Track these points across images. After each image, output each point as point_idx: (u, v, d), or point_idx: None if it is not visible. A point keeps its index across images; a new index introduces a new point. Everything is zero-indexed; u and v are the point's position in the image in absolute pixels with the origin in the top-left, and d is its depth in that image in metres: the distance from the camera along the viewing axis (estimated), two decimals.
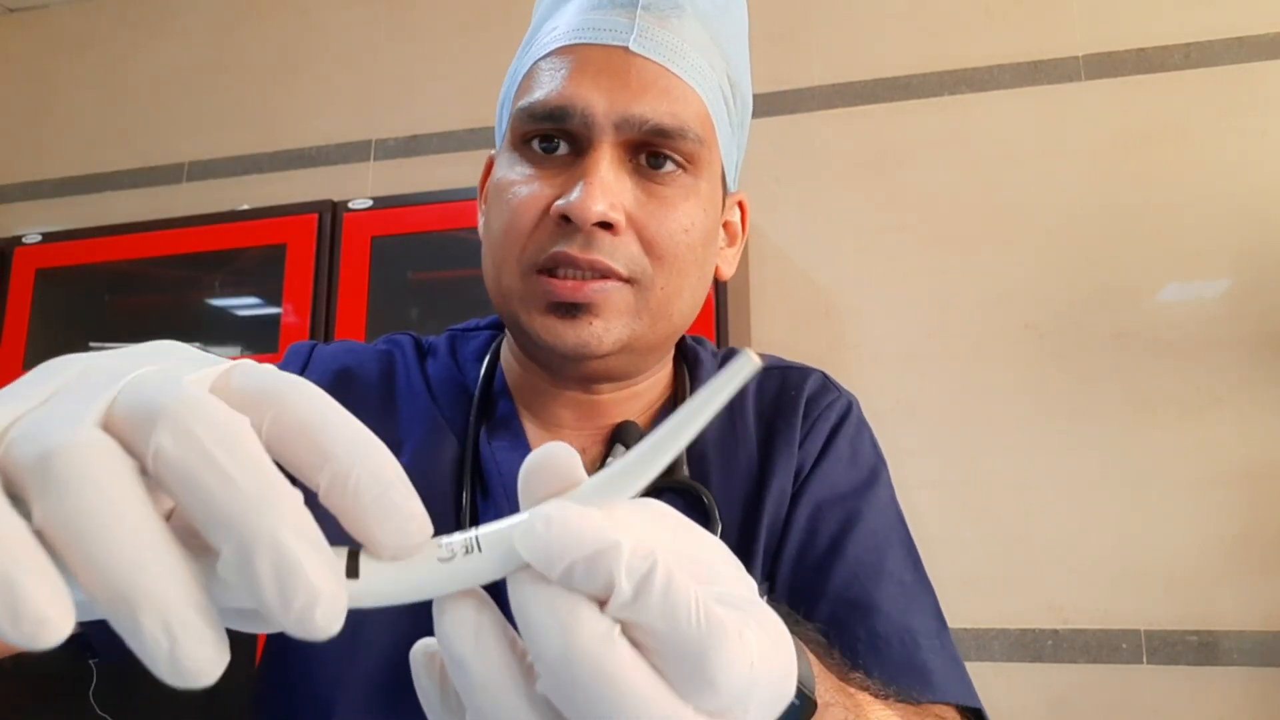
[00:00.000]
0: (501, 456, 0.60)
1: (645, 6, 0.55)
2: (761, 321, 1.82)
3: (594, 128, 0.53)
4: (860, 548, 0.57)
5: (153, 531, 0.20)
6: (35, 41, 2.45)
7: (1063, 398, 1.66)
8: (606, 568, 0.22)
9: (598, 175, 0.52)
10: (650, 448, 0.25)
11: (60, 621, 0.19)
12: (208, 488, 0.20)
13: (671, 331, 0.58)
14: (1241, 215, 1.65)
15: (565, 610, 0.22)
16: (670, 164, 0.55)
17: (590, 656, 0.22)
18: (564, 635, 0.22)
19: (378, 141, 2.12)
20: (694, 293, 0.58)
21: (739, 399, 0.64)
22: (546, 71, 0.56)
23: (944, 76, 1.83)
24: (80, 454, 0.20)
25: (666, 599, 0.22)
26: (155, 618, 0.20)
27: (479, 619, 0.24)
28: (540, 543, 0.23)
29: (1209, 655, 1.53)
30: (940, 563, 0.62)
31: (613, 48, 0.54)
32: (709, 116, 0.56)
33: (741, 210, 0.66)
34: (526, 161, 0.56)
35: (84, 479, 0.20)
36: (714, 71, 0.57)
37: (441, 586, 0.24)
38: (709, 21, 0.58)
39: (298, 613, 0.20)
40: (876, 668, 0.52)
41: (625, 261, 0.53)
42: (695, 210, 0.56)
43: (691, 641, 0.22)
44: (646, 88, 0.53)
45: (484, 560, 0.24)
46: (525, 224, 0.54)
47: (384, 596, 0.23)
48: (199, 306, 2.05)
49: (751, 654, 0.23)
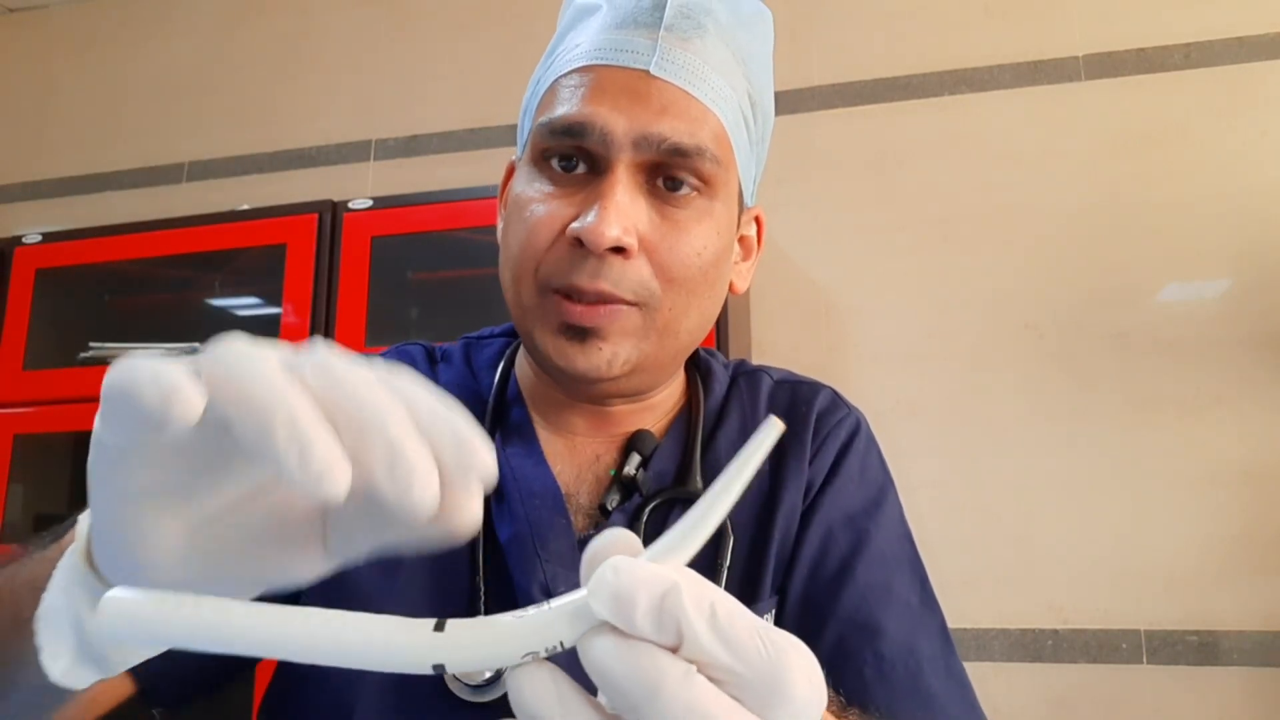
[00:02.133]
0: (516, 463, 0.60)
1: (668, 27, 0.55)
2: (762, 322, 1.82)
3: (612, 146, 0.53)
4: (869, 570, 0.58)
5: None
6: (35, 41, 2.45)
7: (1063, 398, 1.66)
8: (674, 613, 0.25)
9: (614, 199, 0.52)
10: (691, 524, 0.28)
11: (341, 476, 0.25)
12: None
13: (680, 349, 0.59)
14: (1241, 215, 1.65)
15: (648, 658, 0.25)
16: (686, 187, 0.55)
17: (680, 698, 0.24)
18: (654, 680, 0.24)
19: (378, 141, 2.12)
20: (702, 312, 0.59)
21: (750, 413, 0.65)
22: (567, 89, 0.56)
23: (944, 76, 1.83)
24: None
25: (733, 631, 0.25)
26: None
27: (557, 685, 0.26)
28: (610, 588, 0.25)
29: (1209, 655, 1.53)
30: (940, 563, 0.62)
31: (634, 70, 0.55)
32: (727, 137, 0.57)
33: (758, 225, 0.67)
34: (545, 179, 0.57)
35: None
36: (734, 92, 0.57)
37: (519, 642, 0.26)
38: (732, 38, 0.58)
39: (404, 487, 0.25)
40: (882, 691, 0.53)
41: (633, 288, 0.54)
42: (709, 233, 0.56)
43: (765, 665, 0.25)
44: (666, 109, 0.54)
45: (557, 616, 0.26)
46: (541, 243, 0.55)
47: (464, 645, 0.26)
48: (199, 306, 2.05)
49: (809, 668, 0.26)
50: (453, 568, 0.57)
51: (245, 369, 0.25)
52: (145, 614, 0.27)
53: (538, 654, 0.26)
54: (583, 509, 0.60)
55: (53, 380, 1.75)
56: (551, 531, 0.57)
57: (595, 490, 0.61)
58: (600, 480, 0.61)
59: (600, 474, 0.62)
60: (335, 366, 0.27)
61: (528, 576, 0.55)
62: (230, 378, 0.25)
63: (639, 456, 0.60)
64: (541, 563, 0.56)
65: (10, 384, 1.77)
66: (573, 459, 0.62)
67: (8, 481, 1.73)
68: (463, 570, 0.57)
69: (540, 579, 0.55)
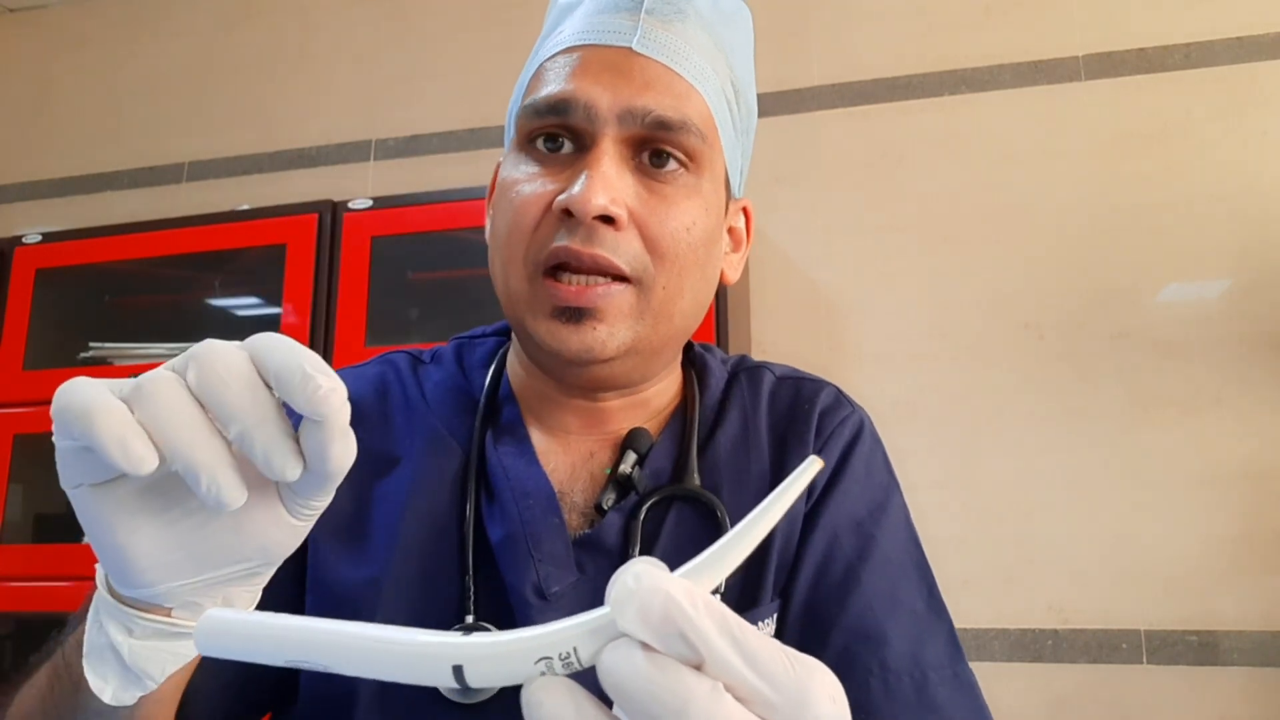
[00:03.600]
0: (509, 462, 0.59)
1: (649, 10, 0.56)
2: (762, 321, 1.82)
3: (597, 120, 0.53)
4: (874, 577, 0.57)
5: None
6: (35, 41, 2.45)
7: (1063, 398, 1.66)
8: (700, 628, 0.24)
9: (600, 169, 0.52)
10: (721, 549, 0.28)
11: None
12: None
13: (674, 334, 0.58)
14: (1241, 215, 1.65)
15: (674, 674, 0.24)
16: (673, 162, 0.55)
17: (708, 715, 0.24)
18: (680, 698, 0.24)
19: (378, 141, 2.12)
20: (695, 294, 0.58)
21: (752, 409, 0.64)
22: (551, 70, 0.56)
23: (944, 76, 1.83)
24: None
25: (759, 651, 0.25)
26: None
27: (575, 700, 0.26)
28: (632, 595, 0.25)
29: (1209, 655, 1.53)
30: (940, 563, 0.62)
31: (617, 48, 0.55)
32: (711, 115, 0.57)
33: (746, 217, 0.66)
34: (531, 160, 0.56)
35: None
36: (717, 75, 0.57)
37: (536, 649, 0.26)
38: (712, 28, 0.58)
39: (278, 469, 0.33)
40: (887, 704, 0.53)
41: (628, 258, 0.53)
42: (697, 209, 0.56)
43: (792, 685, 0.25)
44: (650, 84, 0.54)
45: (576, 628, 0.26)
46: (529, 221, 0.55)
47: (483, 654, 0.27)
48: (199, 306, 2.05)
49: (833, 689, 0.26)
50: (443, 569, 0.56)
51: (75, 397, 0.32)
52: (236, 630, 0.30)
53: (552, 662, 0.26)
54: (577, 508, 0.59)
55: (53, 380, 1.73)
56: (545, 531, 0.56)
57: (590, 490, 0.60)
58: (595, 479, 0.60)
59: (595, 473, 0.61)
60: (212, 368, 0.33)
61: (520, 577, 0.54)
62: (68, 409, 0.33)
63: (635, 455, 0.59)
64: (535, 563, 0.55)
65: (10, 384, 1.77)
66: (566, 458, 0.61)
67: (8, 481, 1.73)
68: (453, 571, 0.56)
69: (533, 579, 0.54)
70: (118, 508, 0.35)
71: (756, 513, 0.28)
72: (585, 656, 0.26)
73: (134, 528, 0.35)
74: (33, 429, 1.75)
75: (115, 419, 0.31)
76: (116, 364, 1.74)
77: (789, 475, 0.28)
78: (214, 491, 0.32)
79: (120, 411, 0.32)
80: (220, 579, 0.37)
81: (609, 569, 0.57)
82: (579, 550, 0.57)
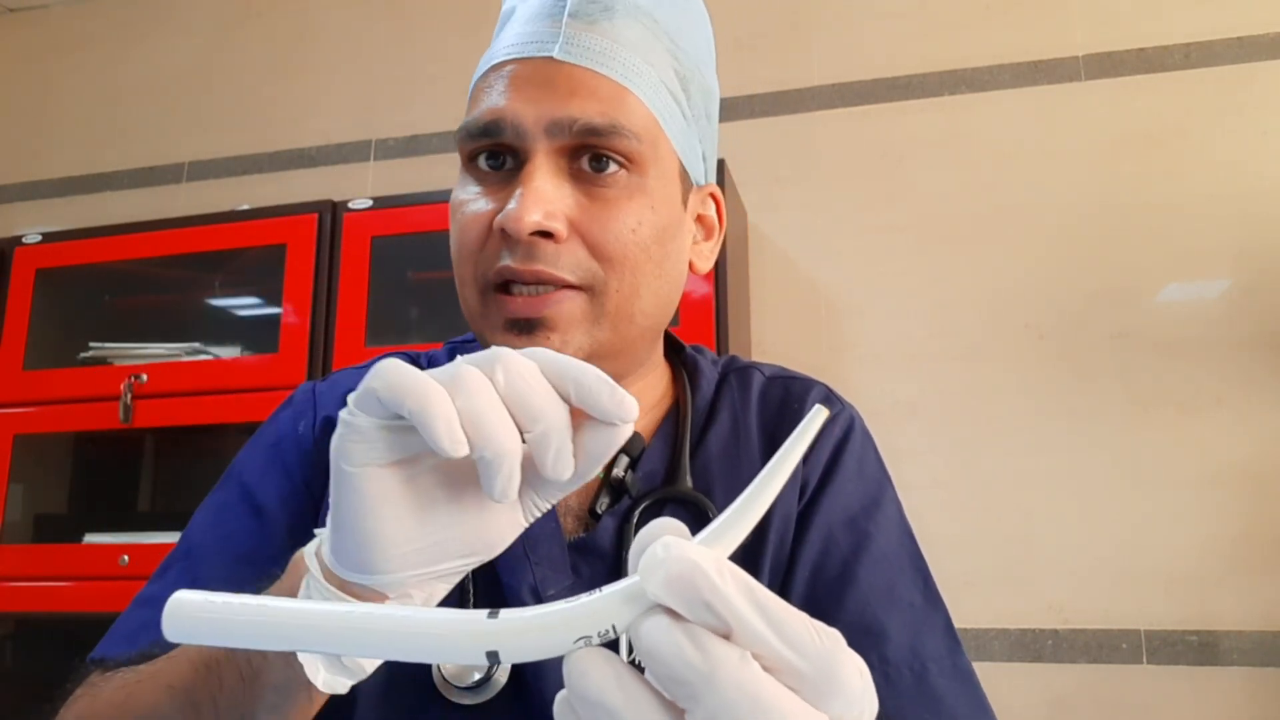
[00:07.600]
0: None
1: (572, 14, 0.55)
2: (761, 321, 1.82)
3: (525, 136, 0.53)
4: (870, 572, 0.58)
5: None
6: (34, 41, 2.45)
7: (1063, 398, 1.66)
8: (727, 596, 0.25)
9: (531, 185, 0.52)
10: (737, 510, 0.28)
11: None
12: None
13: (639, 334, 0.58)
14: (1241, 215, 1.65)
15: (704, 642, 0.25)
16: (613, 165, 0.54)
17: (738, 682, 0.24)
18: (710, 663, 0.25)
19: (378, 141, 2.12)
20: (655, 292, 0.57)
21: (742, 410, 0.64)
22: (483, 90, 0.57)
23: (944, 76, 1.83)
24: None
25: (787, 620, 0.25)
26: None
27: (616, 670, 0.26)
28: (662, 565, 0.25)
29: (1209, 655, 1.53)
30: (940, 563, 0.62)
31: (539, 60, 0.55)
32: (650, 114, 0.56)
33: (716, 202, 0.65)
34: (474, 180, 0.57)
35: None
36: (653, 67, 0.56)
37: (573, 628, 0.27)
38: (647, 17, 0.57)
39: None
40: (889, 697, 0.53)
41: (572, 268, 0.53)
42: (642, 209, 0.55)
43: (821, 655, 0.25)
44: (575, 91, 0.53)
45: (609, 600, 0.27)
46: (473, 242, 0.55)
47: (518, 632, 0.27)
48: (199, 306, 2.05)
49: (859, 663, 0.26)
50: None
51: (406, 377, 0.34)
52: (209, 614, 0.29)
53: (591, 640, 0.27)
54: (572, 511, 0.59)
55: (53, 380, 1.75)
56: (541, 535, 0.56)
57: (584, 493, 0.60)
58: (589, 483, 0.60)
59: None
60: (518, 372, 0.35)
61: (517, 579, 0.55)
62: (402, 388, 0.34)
63: (627, 458, 0.60)
64: (531, 565, 0.55)
65: (10, 384, 1.77)
66: None
67: (8, 481, 1.73)
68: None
69: (530, 581, 0.55)
70: (392, 491, 0.36)
71: (765, 473, 0.28)
72: (620, 627, 0.27)
73: (398, 514, 0.36)
74: (33, 429, 1.75)
75: (447, 403, 0.33)
76: (116, 364, 1.74)
77: (796, 438, 0.29)
78: (509, 482, 0.33)
79: (447, 397, 0.33)
80: (444, 571, 0.38)
81: (603, 572, 0.57)
82: (574, 553, 0.57)
